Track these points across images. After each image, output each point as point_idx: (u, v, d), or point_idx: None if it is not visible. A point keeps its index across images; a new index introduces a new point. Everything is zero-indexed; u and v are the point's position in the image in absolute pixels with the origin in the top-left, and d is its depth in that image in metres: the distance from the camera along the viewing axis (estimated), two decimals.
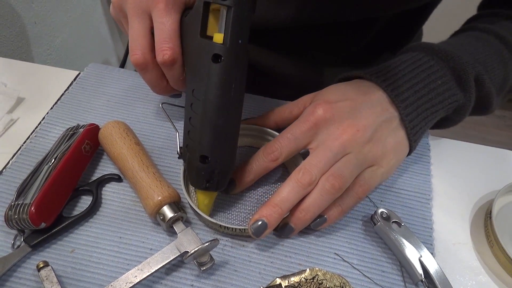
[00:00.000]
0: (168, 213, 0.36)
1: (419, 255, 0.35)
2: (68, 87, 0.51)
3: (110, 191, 0.41)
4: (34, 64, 0.55)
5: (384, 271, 0.37)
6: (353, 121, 0.37)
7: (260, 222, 0.35)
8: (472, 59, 0.41)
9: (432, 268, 0.35)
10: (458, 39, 0.46)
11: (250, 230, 0.35)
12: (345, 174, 0.36)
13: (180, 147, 0.38)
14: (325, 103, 0.38)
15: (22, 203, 0.35)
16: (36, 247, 0.36)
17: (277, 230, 0.37)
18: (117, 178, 0.42)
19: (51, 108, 0.48)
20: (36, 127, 0.46)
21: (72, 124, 0.44)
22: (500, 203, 0.42)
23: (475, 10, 0.54)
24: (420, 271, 0.35)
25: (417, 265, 0.35)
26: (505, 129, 1.66)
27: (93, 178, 0.41)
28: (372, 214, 0.38)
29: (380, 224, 0.37)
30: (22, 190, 0.37)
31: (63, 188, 0.38)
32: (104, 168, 0.43)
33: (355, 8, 0.49)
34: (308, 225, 0.37)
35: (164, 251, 0.34)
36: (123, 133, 0.41)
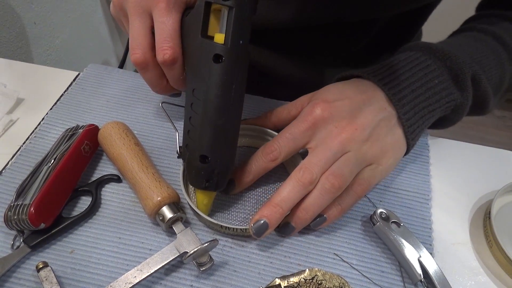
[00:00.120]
0: (168, 214, 0.36)
1: (418, 255, 0.36)
2: (68, 88, 0.51)
3: (110, 192, 0.41)
4: (34, 65, 0.55)
5: (383, 271, 0.37)
6: (352, 120, 0.37)
7: (261, 222, 0.35)
8: (469, 59, 0.41)
9: (431, 268, 0.35)
10: (456, 39, 0.46)
11: (251, 230, 0.35)
12: (345, 173, 0.36)
13: (180, 147, 0.38)
14: (323, 103, 0.38)
15: (22, 204, 0.35)
16: (36, 248, 0.36)
17: (278, 229, 0.38)
18: (117, 179, 0.42)
19: (51, 109, 0.48)
20: (36, 128, 0.46)
21: (72, 125, 0.44)
22: (499, 203, 0.42)
23: (474, 11, 0.54)
24: (419, 271, 0.35)
25: (416, 265, 0.35)
26: (505, 130, 1.66)
27: (93, 179, 0.41)
28: (371, 214, 0.38)
29: (379, 224, 0.37)
30: (22, 191, 0.37)
31: (63, 189, 0.38)
32: (104, 169, 0.43)
33: (355, 9, 0.49)
34: (308, 225, 0.37)
35: (164, 252, 0.34)
36: (123, 134, 0.41)
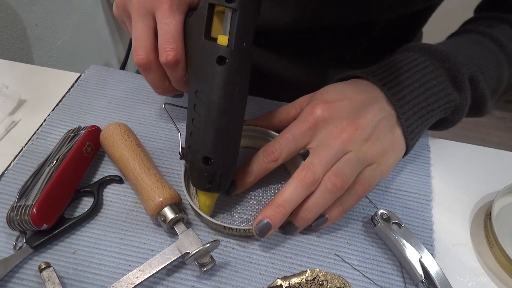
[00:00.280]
0: (169, 215, 0.36)
1: (419, 256, 0.36)
2: (70, 89, 0.51)
3: (112, 193, 0.41)
4: (36, 66, 0.55)
5: (385, 272, 0.37)
6: (352, 120, 0.38)
7: (264, 223, 0.35)
8: (467, 60, 0.41)
9: (432, 269, 0.35)
10: (454, 41, 0.46)
11: (254, 231, 0.35)
12: (347, 173, 0.36)
13: (182, 148, 0.38)
14: (324, 103, 0.38)
15: (24, 205, 0.35)
16: (38, 248, 0.36)
17: (281, 228, 0.38)
18: (118, 180, 0.42)
19: (53, 110, 0.49)
20: (38, 129, 0.47)
21: (74, 126, 0.44)
22: (500, 204, 0.42)
23: (473, 13, 0.55)
24: (420, 272, 0.35)
25: (417, 266, 0.35)
26: (505, 131, 1.66)
27: (95, 180, 0.42)
28: (372, 215, 0.38)
29: (381, 225, 0.37)
30: (24, 192, 0.37)
31: (65, 190, 0.38)
32: (105, 170, 0.43)
33: (355, 11, 0.49)
34: (309, 225, 0.37)
35: (165, 252, 0.35)
36: (124, 135, 0.41)
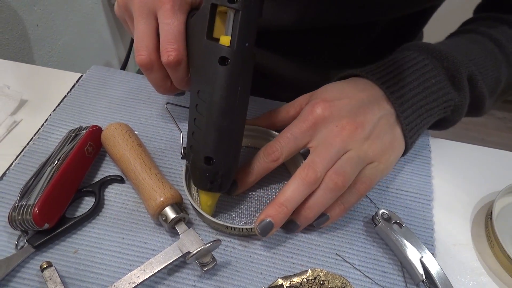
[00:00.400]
0: (171, 214, 0.36)
1: (420, 256, 0.36)
2: (71, 89, 0.51)
3: (113, 192, 0.41)
4: (37, 67, 0.55)
5: (385, 272, 0.37)
6: (352, 119, 0.38)
7: (267, 222, 0.35)
8: (466, 59, 0.41)
9: (433, 269, 0.35)
10: (453, 41, 0.47)
11: (257, 230, 0.35)
12: (348, 171, 0.36)
13: (184, 148, 0.38)
14: (323, 102, 0.38)
15: (26, 204, 0.35)
16: (40, 248, 0.36)
17: (283, 227, 0.38)
18: (120, 180, 0.42)
19: (54, 110, 0.49)
20: (39, 129, 0.47)
21: (75, 126, 0.45)
22: (501, 204, 0.42)
23: (472, 14, 0.55)
24: (421, 272, 0.35)
25: (418, 266, 0.35)
26: (506, 131, 1.66)
27: (96, 180, 0.42)
28: (373, 215, 0.38)
29: (381, 225, 0.37)
30: (26, 191, 0.37)
31: (66, 189, 0.38)
32: (107, 170, 0.43)
33: (357, 12, 0.49)
34: (311, 223, 0.38)
35: (167, 252, 0.35)
36: (126, 135, 0.41)
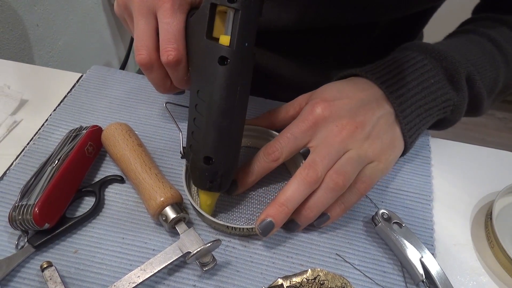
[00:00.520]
0: (171, 214, 0.36)
1: (420, 256, 0.36)
2: (71, 89, 0.51)
3: (113, 192, 0.41)
4: (37, 66, 0.55)
5: (385, 272, 0.37)
6: (352, 119, 0.38)
7: (267, 221, 0.35)
8: (465, 60, 0.41)
9: (433, 269, 0.35)
10: (452, 41, 0.47)
11: (258, 230, 0.35)
12: (348, 171, 0.36)
13: (184, 147, 0.38)
14: (323, 102, 0.38)
15: (26, 204, 0.35)
16: (40, 248, 0.36)
17: (283, 226, 0.38)
18: (120, 180, 0.42)
19: (54, 110, 0.49)
20: (40, 129, 0.47)
21: (75, 126, 0.45)
22: (501, 204, 0.42)
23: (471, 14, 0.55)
24: (421, 272, 0.35)
25: (418, 266, 0.35)
26: (506, 131, 1.66)
27: (96, 180, 0.42)
28: (373, 215, 0.38)
29: (381, 225, 0.37)
30: (26, 191, 0.37)
31: (67, 189, 0.38)
32: (107, 170, 0.43)
33: (357, 12, 0.49)
34: (311, 223, 0.38)
35: (167, 252, 0.35)
36: (126, 135, 0.41)
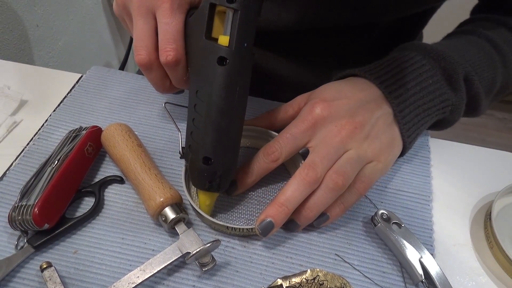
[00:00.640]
0: (170, 214, 0.36)
1: (419, 256, 0.36)
2: (71, 90, 0.51)
3: (113, 193, 0.41)
4: (37, 67, 0.55)
5: (385, 272, 0.37)
6: (351, 119, 0.38)
7: (267, 222, 0.35)
8: (463, 60, 0.41)
9: (432, 269, 0.35)
10: (451, 41, 0.47)
11: (258, 230, 0.35)
12: (348, 171, 0.36)
13: (183, 147, 0.38)
14: (323, 102, 0.38)
15: (26, 205, 0.35)
16: (39, 248, 0.36)
17: (283, 226, 0.38)
18: (120, 180, 0.42)
19: (54, 111, 0.49)
20: (39, 129, 0.47)
21: (75, 126, 0.45)
22: (500, 205, 0.42)
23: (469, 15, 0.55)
24: (420, 272, 0.35)
25: (418, 266, 0.35)
26: (506, 131, 1.66)
27: (96, 180, 0.42)
28: (373, 215, 0.38)
29: (381, 225, 0.38)
30: (26, 192, 0.37)
31: (66, 190, 0.38)
32: (107, 170, 0.43)
33: (357, 13, 0.49)
34: (311, 223, 0.38)
35: (166, 252, 0.35)
36: (125, 135, 0.41)
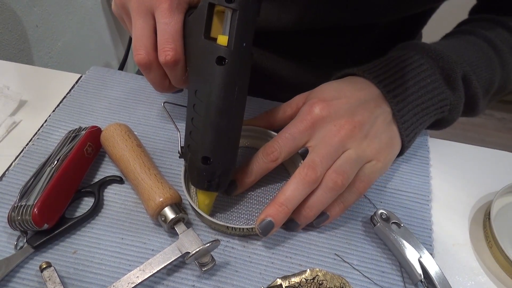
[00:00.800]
0: (170, 214, 0.36)
1: (419, 256, 0.36)
2: (70, 90, 0.51)
3: (112, 193, 0.41)
4: (37, 67, 0.55)
5: (384, 272, 0.37)
6: (350, 118, 0.38)
7: (267, 221, 0.35)
8: (461, 59, 0.42)
9: (432, 269, 0.35)
10: (449, 41, 0.47)
11: (258, 230, 0.35)
12: (347, 170, 0.36)
13: (182, 147, 0.38)
14: (321, 102, 0.38)
15: (25, 205, 0.35)
16: (39, 248, 0.36)
17: (283, 225, 0.38)
18: (119, 180, 0.42)
19: (53, 111, 0.49)
20: (39, 130, 0.47)
21: (74, 127, 0.45)
22: (499, 204, 0.42)
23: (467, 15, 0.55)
24: (420, 272, 0.35)
25: (417, 266, 0.35)
26: (505, 131, 1.66)
27: (95, 180, 0.42)
28: (372, 215, 0.39)
29: (380, 225, 0.38)
30: (25, 192, 0.37)
31: (66, 190, 0.38)
32: (106, 170, 0.43)
33: (356, 14, 0.49)
34: (310, 222, 0.38)
35: (166, 252, 0.35)
36: (125, 135, 0.41)
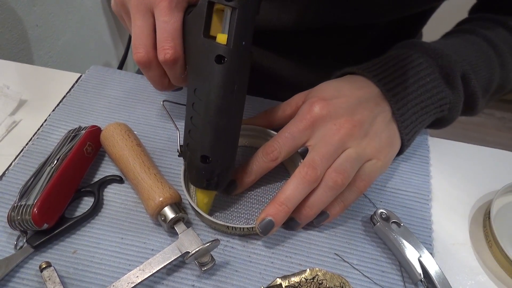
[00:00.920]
0: (169, 214, 0.36)
1: (419, 255, 0.36)
2: (70, 89, 0.51)
3: (112, 193, 0.41)
4: (37, 67, 0.55)
5: (384, 271, 0.37)
6: (350, 117, 0.38)
7: (268, 220, 0.35)
8: (460, 59, 0.42)
9: (432, 268, 0.35)
10: (448, 40, 0.47)
11: (258, 229, 0.35)
12: (347, 169, 0.36)
13: (181, 146, 0.38)
14: (321, 101, 0.38)
15: (25, 204, 0.35)
16: (39, 248, 0.36)
17: (283, 224, 0.38)
18: (119, 180, 0.42)
19: (53, 110, 0.49)
20: (39, 129, 0.47)
21: (74, 126, 0.45)
22: (499, 204, 0.42)
23: (467, 14, 0.55)
24: (420, 271, 0.35)
25: (417, 265, 0.35)
26: (505, 131, 1.66)
27: (95, 180, 0.42)
28: (372, 215, 0.39)
29: (380, 225, 0.38)
30: (25, 192, 0.37)
31: (65, 190, 0.38)
32: (106, 170, 0.43)
33: (355, 13, 0.49)
34: (310, 221, 0.38)
35: (165, 252, 0.35)
36: (125, 135, 0.41)
